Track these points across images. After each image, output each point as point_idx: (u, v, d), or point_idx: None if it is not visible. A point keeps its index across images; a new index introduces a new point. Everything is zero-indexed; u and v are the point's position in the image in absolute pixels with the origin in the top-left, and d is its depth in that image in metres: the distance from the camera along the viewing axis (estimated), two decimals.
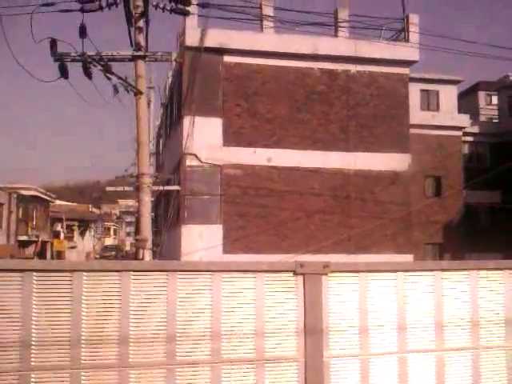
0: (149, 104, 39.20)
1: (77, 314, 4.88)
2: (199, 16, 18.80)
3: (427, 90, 30.79)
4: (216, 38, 18.74)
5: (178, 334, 5.02)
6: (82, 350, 4.82)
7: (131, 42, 15.36)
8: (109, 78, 15.52)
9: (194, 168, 18.39)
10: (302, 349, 5.24)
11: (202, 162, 18.43)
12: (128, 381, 4.96)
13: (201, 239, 18.18)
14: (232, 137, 18.91)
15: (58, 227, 55.02)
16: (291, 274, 5.44)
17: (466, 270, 5.63)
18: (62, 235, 53.67)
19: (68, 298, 4.90)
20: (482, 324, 5.56)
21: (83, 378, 4.85)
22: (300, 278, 5.40)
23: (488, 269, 5.73)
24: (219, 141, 18.78)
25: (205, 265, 5.39)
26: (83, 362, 4.86)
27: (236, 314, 5.20)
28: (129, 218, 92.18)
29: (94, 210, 71.71)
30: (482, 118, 38.23)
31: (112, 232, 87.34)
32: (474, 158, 32.86)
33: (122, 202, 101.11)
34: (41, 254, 45.64)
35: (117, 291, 5.01)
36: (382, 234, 19.62)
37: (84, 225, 60.94)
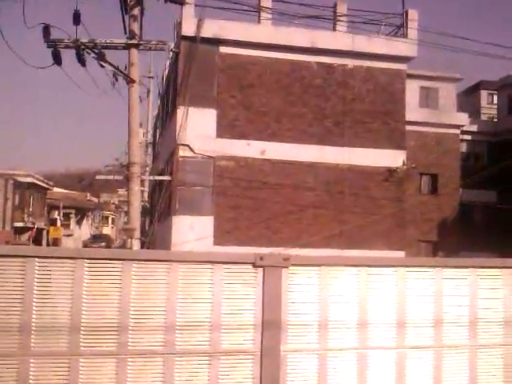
0: (148, 93, 39.10)
1: (28, 301, 4.82)
2: (196, 6, 18.70)
3: (426, 88, 30.68)
4: (213, 28, 18.61)
5: (132, 325, 4.97)
6: (32, 337, 4.77)
7: (125, 30, 15.31)
8: (102, 66, 15.47)
9: (187, 159, 18.31)
10: (259, 342, 5.19)
11: (195, 153, 18.35)
12: (78, 369, 4.92)
13: (191, 230, 18.12)
14: (226, 128, 18.82)
15: (55, 215, 55.01)
16: (250, 267, 5.37)
17: (430, 266, 5.56)
18: (58, 223, 53.64)
19: (20, 285, 4.85)
20: (445, 322, 5.51)
21: (31, 365, 4.82)
22: (260, 270, 5.33)
23: (452, 266, 5.66)
24: (213, 132, 18.69)
25: (161, 254, 5.33)
26: (33, 349, 4.82)
27: (192, 306, 5.15)
28: (127, 208, 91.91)
29: (93, 198, 71.71)
30: (484, 117, 38.17)
31: (110, 221, 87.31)
32: (472, 157, 32.80)
33: (121, 191, 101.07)
34: (36, 241, 45.68)
35: (70, 279, 4.94)
36: (374, 230, 19.56)
37: (81, 213, 60.89)
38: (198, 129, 18.37)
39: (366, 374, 5.37)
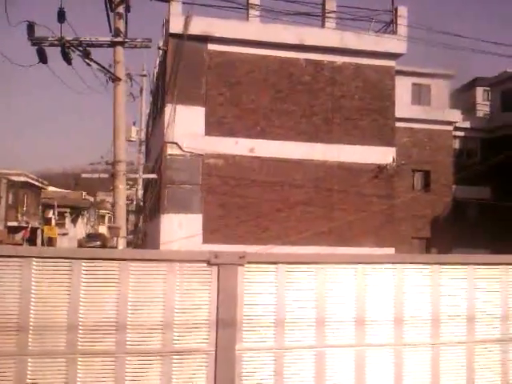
0: (141, 91, 39.08)
1: None
2: (184, 3, 18.63)
3: (419, 84, 30.62)
4: (200, 25, 18.54)
5: (81, 324, 4.91)
6: None
7: (110, 27, 15.24)
8: (88, 64, 15.39)
9: (175, 157, 18.24)
10: (213, 341, 5.13)
11: (183, 151, 18.28)
12: (27, 368, 4.86)
13: (180, 228, 18.07)
14: (214, 126, 18.75)
15: (50, 214, 54.89)
16: (205, 265, 5.29)
17: (390, 263, 5.49)
18: (53, 222, 53.52)
19: None
20: (406, 321, 5.43)
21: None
22: (214, 268, 5.27)
23: (414, 262, 5.59)
24: (201, 130, 18.62)
25: (112, 253, 5.26)
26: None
27: (144, 305, 5.08)
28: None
29: (89, 197, 71.53)
30: (480, 114, 38.10)
31: (106, 220, 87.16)
32: (465, 154, 32.74)
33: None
34: (31, 241, 45.55)
35: (18, 278, 4.87)
36: (363, 227, 19.53)
37: (76, 212, 60.74)
38: (187, 126, 18.31)
39: (325, 372, 5.31)
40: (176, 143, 18.13)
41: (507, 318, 5.39)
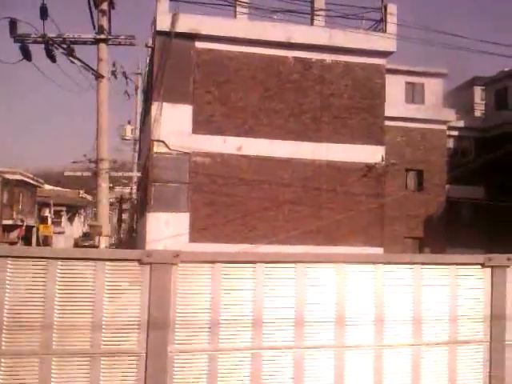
0: (136, 90, 39.02)
1: None
2: (171, 1, 18.53)
3: (412, 83, 30.51)
4: (188, 23, 18.43)
5: (6, 324, 4.79)
6: None
7: (94, 25, 15.16)
8: (73, 62, 15.31)
9: (162, 155, 18.13)
10: (144, 342, 5.00)
11: (170, 149, 18.17)
12: None
13: (167, 227, 17.97)
14: (202, 124, 18.64)
15: (46, 212, 54.77)
16: (136, 264, 5.15)
17: (331, 262, 5.36)
18: (49, 220, 53.39)
19: None
20: (348, 322, 5.29)
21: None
22: (146, 267, 5.13)
23: (354, 262, 5.45)
24: (189, 128, 18.51)
25: (41, 251, 5.14)
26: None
27: (71, 304, 4.96)
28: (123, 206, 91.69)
29: (86, 195, 71.39)
30: (478, 113, 37.97)
31: None
32: (459, 153, 32.63)
33: (118, 189, 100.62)
34: (26, 239, 45.48)
35: None
36: (352, 226, 19.43)
37: (73, 210, 60.63)
38: (174, 124, 18.20)
39: (260, 374, 5.19)
40: (163, 141, 18.03)
41: (454, 320, 5.27)
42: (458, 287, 5.30)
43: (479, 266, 5.36)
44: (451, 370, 5.32)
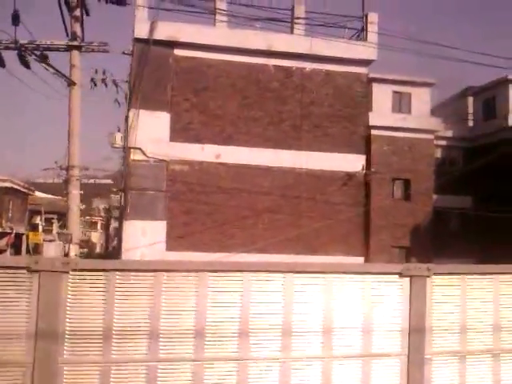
0: (126, 97, 38.92)
1: None
2: (150, 8, 18.47)
3: (399, 92, 30.39)
4: (167, 30, 18.38)
5: None
6: None
7: (66, 31, 15.08)
8: (46, 69, 15.23)
9: (139, 162, 18.01)
10: (32, 353, 4.81)
11: (147, 157, 18.05)
12: None
13: (144, 236, 17.82)
14: (180, 132, 18.53)
15: (37, 220, 54.56)
16: (25, 272, 4.96)
17: (237, 271, 5.16)
18: (40, 228, 53.16)
19: None
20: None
21: None
22: (35, 275, 4.95)
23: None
24: (166, 136, 18.40)
25: None
26: None
27: None
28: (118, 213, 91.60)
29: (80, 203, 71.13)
30: (471, 123, 37.88)
31: (99, 226, 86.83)
32: (447, 163, 32.50)
33: (114, 197, 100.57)
34: (15, 246, 45.23)
35: None
36: (332, 235, 19.29)
37: (64, 218, 60.34)
38: (151, 132, 18.10)
39: None
40: (139, 148, 17.91)
41: (369, 332, 5.08)
42: (373, 297, 5.11)
43: (397, 276, 5.19)
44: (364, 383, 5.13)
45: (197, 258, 17.29)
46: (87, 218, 74.76)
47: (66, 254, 14.37)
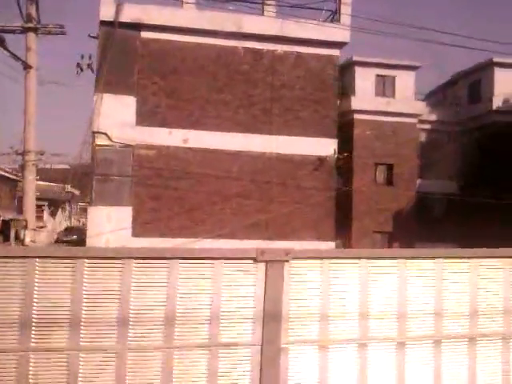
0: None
1: None
2: None
3: (383, 76, 29.99)
4: (133, 12, 18.00)
5: None
6: None
7: (21, 13, 14.71)
8: (3, 52, 14.88)
9: (104, 147, 17.72)
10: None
11: (112, 141, 17.76)
12: None
13: (109, 222, 17.58)
14: (147, 116, 18.22)
15: None
16: (251, 261, 5.08)
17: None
18: None
19: None
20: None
21: None
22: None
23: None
24: (132, 120, 18.09)
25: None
26: None
27: None
28: None
29: (73, 190, 70.98)
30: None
31: None
32: (432, 147, 32.13)
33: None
34: (3, 233, 45.11)
35: None
36: (303, 220, 19.05)
37: (56, 205, 60.22)
38: (116, 116, 17.79)
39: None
40: (105, 133, 17.62)
41: (216, 320, 4.80)
42: (222, 284, 4.84)
43: (251, 261, 4.93)
44: (212, 374, 4.87)
45: (164, 244, 17.10)
46: (81, 203, 74.46)
47: (22, 241, 14.15)
